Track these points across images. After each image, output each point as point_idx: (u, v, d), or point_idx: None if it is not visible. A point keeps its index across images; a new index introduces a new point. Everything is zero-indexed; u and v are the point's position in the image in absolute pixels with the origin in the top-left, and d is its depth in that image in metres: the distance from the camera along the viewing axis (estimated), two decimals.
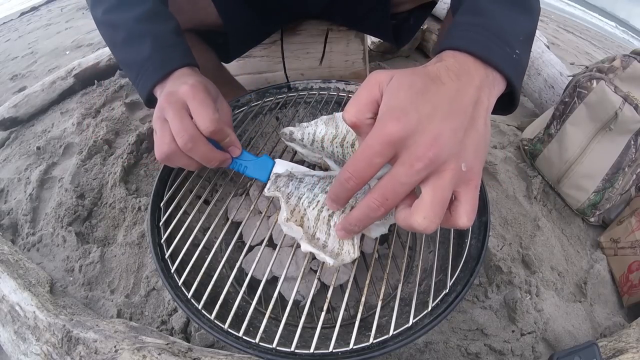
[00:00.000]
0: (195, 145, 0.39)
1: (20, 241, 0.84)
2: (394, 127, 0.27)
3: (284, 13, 0.79)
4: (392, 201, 0.28)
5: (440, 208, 0.28)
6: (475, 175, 0.29)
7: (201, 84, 0.42)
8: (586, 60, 1.64)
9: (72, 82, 1.22)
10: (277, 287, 0.42)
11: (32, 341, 0.57)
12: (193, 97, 0.40)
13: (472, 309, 0.68)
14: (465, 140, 0.28)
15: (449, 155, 0.27)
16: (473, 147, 0.29)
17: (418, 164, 0.27)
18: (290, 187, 0.43)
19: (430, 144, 0.27)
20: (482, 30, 0.33)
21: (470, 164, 0.28)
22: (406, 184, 0.28)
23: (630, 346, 0.54)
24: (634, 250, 0.71)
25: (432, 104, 0.28)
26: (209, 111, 0.40)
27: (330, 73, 0.91)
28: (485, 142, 0.30)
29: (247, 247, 0.46)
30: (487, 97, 0.31)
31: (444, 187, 0.28)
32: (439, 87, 0.29)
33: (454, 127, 0.28)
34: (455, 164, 0.28)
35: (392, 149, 0.28)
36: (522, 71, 0.35)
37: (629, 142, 0.73)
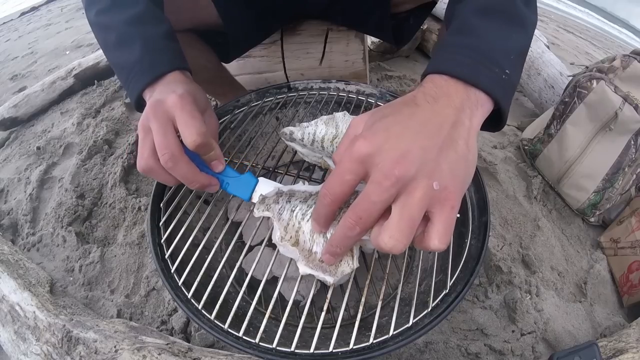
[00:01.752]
0: (176, 164, 0.38)
1: (20, 241, 0.84)
2: (361, 145, 0.28)
3: (284, 13, 0.79)
4: (365, 220, 0.28)
5: (408, 227, 0.27)
6: (451, 195, 0.28)
7: (190, 95, 0.41)
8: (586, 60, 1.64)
9: (72, 82, 1.22)
10: (277, 287, 0.42)
11: (32, 341, 0.57)
12: (181, 109, 0.39)
13: (472, 309, 0.68)
14: (440, 159, 0.28)
15: (418, 173, 0.27)
16: (449, 166, 0.28)
17: (386, 182, 0.27)
18: (281, 202, 0.42)
19: (397, 161, 0.27)
20: (469, 52, 0.32)
21: (444, 183, 0.27)
22: (377, 202, 0.27)
23: (630, 346, 0.54)
24: (634, 250, 0.71)
25: (403, 124, 0.29)
26: (196, 123, 0.38)
27: (330, 73, 0.91)
28: (466, 163, 0.29)
29: (247, 247, 0.46)
30: (469, 119, 0.30)
31: (412, 206, 0.27)
32: (412, 109, 0.30)
33: (425, 146, 0.28)
34: (425, 182, 0.27)
35: (361, 166, 0.28)
36: (512, 90, 0.35)
37: (629, 142, 0.73)
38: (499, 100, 0.32)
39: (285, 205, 0.41)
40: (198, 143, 0.38)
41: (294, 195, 0.43)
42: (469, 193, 0.54)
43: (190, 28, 0.68)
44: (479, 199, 0.52)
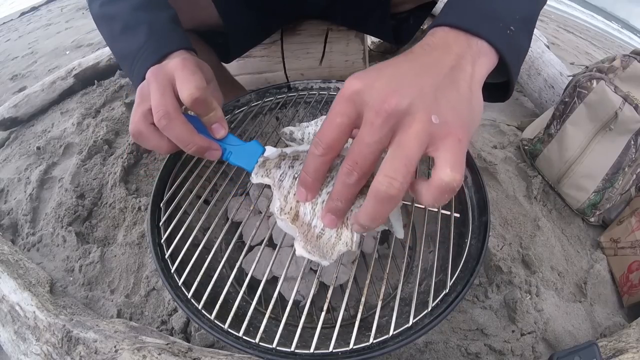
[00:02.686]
0: (170, 122, 0.35)
1: (20, 241, 0.84)
2: (351, 83, 0.27)
3: (284, 13, 0.79)
4: (362, 165, 0.26)
5: (403, 166, 0.24)
6: (456, 130, 0.25)
7: (194, 60, 0.40)
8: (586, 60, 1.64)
9: (72, 82, 1.22)
10: (277, 287, 0.42)
11: (32, 341, 0.57)
12: (182, 68, 0.37)
13: (472, 309, 0.68)
14: (438, 95, 0.26)
15: (413, 107, 0.25)
16: (450, 104, 0.26)
17: (377, 120, 0.25)
18: (283, 167, 0.38)
19: (388, 95, 0.25)
20: (472, 8, 0.32)
21: (445, 117, 0.25)
22: (370, 143, 0.25)
23: (630, 346, 0.54)
24: (634, 250, 0.71)
25: (397, 66, 0.28)
26: (196, 79, 0.36)
27: (330, 73, 0.91)
28: (469, 105, 0.27)
29: (247, 247, 0.46)
30: (471, 65, 0.29)
31: (407, 143, 0.25)
32: (408, 56, 0.29)
33: (421, 83, 0.26)
34: (421, 115, 0.25)
35: (352, 105, 0.26)
36: (518, 49, 0.33)
37: (629, 142, 0.73)
38: (503, 53, 0.30)
39: (287, 171, 0.38)
40: (195, 97, 0.35)
41: (298, 159, 0.39)
42: (469, 193, 0.54)
43: (190, 28, 0.68)
44: (479, 199, 0.52)
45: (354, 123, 0.27)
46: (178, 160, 0.58)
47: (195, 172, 0.55)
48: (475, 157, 0.88)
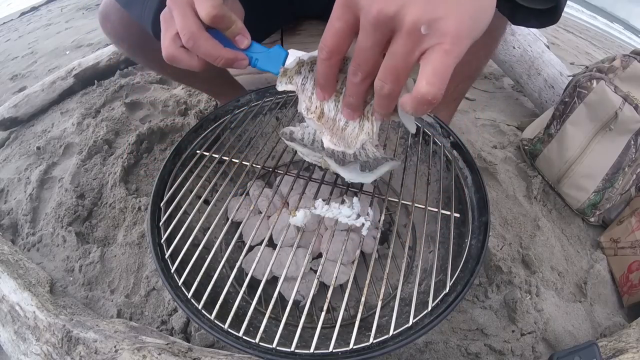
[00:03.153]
0: (197, 42, 0.37)
1: (20, 241, 0.84)
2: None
3: (284, 13, 0.79)
4: (364, 66, 0.28)
5: (390, 73, 0.26)
6: (445, 39, 0.24)
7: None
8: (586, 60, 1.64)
9: (72, 82, 1.22)
10: (277, 287, 0.42)
11: (32, 341, 0.57)
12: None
13: (472, 309, 0.68)
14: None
15: (400, 13, 0.24)
16: (447, 4, 0.24)
17: (369, 26, 0.25)
18: (303, 72, 0.41)
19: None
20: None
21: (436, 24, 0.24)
22: (367, 48, 0.26)
23: (630, 346, 0.54)
24: (634, 250, 0.71)
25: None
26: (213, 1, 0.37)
27: None
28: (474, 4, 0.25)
29: (247, 247, 0.46)
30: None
31: (395, 53, 0.25)
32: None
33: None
34: (410, 26, 0.24)
35: (349, 10, 0.26)
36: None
37: (629, 142, 0.73)
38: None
39: (307, 75, 0.41)
40: (213, 14, 0.37)
41: (316, 63, 0.41)
42: (469, 193, 0.54)
43: None
44: (479, 199, 0.52)
45: (352, 26, 0.27)
46: (178, 160, 0.58)
47: (195, 172, 0.55)
48: (475, 157, 0.88)
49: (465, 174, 0.56)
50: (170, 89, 1.19)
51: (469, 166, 0.56)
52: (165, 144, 0.98)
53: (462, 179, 0.55)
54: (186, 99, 1.10)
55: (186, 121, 1.02)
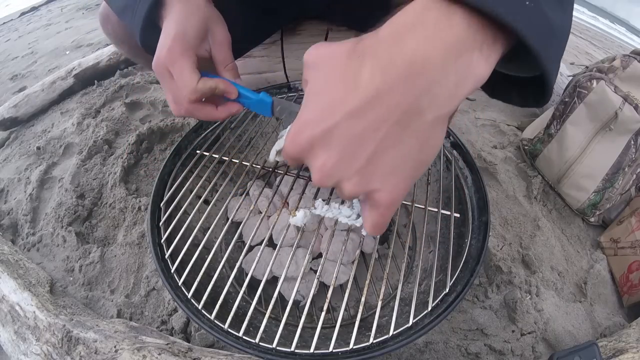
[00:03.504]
0: (191, 112, 0.42)
1: (20, 241, 0.84)
2: (290, 147, 0.25)
3: (284, 13, 0.79)
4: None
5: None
6: (383, 201, 0.24)
7: (179, 38, 0.41)
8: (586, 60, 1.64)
9: (72, 82, 1.22)
10: (277, 287, 0.42)
11: (32, 341, 0.57)
12: (172, 64, 0.41)
13: (472, 309, 0.68)
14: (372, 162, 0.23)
15: (341, 179, 0.24)
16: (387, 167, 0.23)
17: (315, 181, 0.25)
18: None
19: (318, 170, 0.24)
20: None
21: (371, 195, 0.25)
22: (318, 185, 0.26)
23: (630, 346, 0.54)
24: (634, 250, 0.71)
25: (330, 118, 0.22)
26: (185, 81, 0.41)
27: None
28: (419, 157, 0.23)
29: (247, 247, 0.46)
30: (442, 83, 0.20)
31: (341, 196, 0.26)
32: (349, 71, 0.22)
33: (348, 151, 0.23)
34: (350, 184, 0.24)
35: (298, 157, 0.26)
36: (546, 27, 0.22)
37: (629, 142, 0.73)
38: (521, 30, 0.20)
39: None
40: (194, 98, 0.41)
41: None
42: (469, 193, 0.54)
43: None
44: (479, 199, 0.52)
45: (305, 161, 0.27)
46: (178, 160, 0.58)
47: (195, 172, 0.55)
48: (475, 157, 0.88)
49: (465, 174, 0.56)
50: None
51: (469, 166, 0.56)
52: (165, 144, 0.98)
53: (462, 179, 0.55)
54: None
55: (186, 121, 1.02)
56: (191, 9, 0.44)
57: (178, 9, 0.43)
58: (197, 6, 0.44)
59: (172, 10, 0.43)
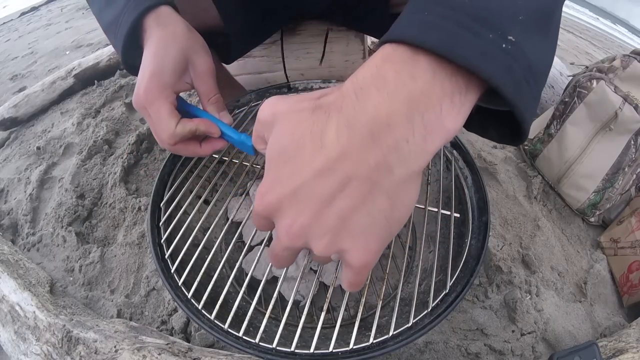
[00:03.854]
0: (177, 150, 0.42)
1: (20, 241, 0.84)
2: (258, 206, 0.25)
3: (284, 13, 0.79)
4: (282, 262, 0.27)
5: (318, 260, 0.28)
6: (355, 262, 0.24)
7: (156, 76, 0.39)
8: (586, 60, 1.64)
9: (72, 82, 1.22)
10: (277, 287, 0.42)
11: (32, 341, 0.57)
12: (149, 106, 0.40)
13: (472, 309, 0.68)
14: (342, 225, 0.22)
15: (310, 239, 0.23)
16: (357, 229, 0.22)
17: (282, 242, 0.25)
18: None
19: (286, 231, 0.23)
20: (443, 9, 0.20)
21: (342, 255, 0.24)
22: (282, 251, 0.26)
23: (630, 346, 0.54)
24: (634, 250, 0.71)
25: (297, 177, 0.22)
26: (163, 126, 0.40)
27: (330, 73, 0.91)
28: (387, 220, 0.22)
29: (247, 247, 0.46)
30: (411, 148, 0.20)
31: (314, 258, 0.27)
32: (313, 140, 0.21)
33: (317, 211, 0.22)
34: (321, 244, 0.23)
35: (265, 221, 0.26)
36: (525, 69, 0.20)
37: (629, 142, 0.73)
38: (493, 79, 0.19)
39: None
40: (172, 144, 0.41)
41: None
42: (469, 193, 0.54)
43: None
44: (479, 199, 0.52)
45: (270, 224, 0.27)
46: (178, 160, 0.58)
47: (195, 172, 0.55)
48: (475, 157, 0.88)
49: (465, 174, 0.56)
50: None
51: (469, 166, 0.56)
52: None
53: (462, 179, 0.55)
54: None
55: None
56: (169, 37, 0.41)
57: (156, 37, 0.41)
58: (174, 34, 0.41)
59: (151, 36, 0.41)
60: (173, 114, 0.40)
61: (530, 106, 0.21)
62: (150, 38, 0.41)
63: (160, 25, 0.41)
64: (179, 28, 0.42)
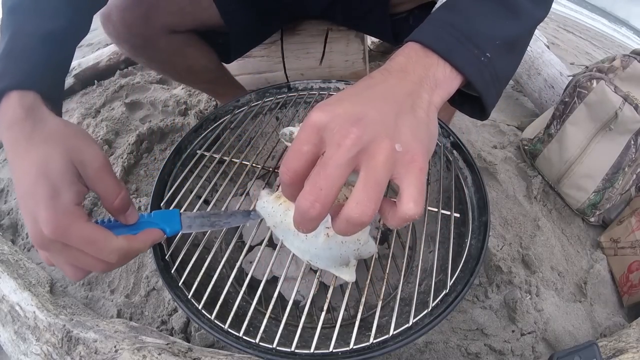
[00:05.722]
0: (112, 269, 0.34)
1: (20, 241, 0.84)
2: (317, 114, 0.27)
3: (284, 13, 0.79)
4: (327, 192, 0.25)
5: (374, 192, 0.25)
6: (418, 157, 0.26)
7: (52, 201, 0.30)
8: (586, 60, 1.64)
9: (72, 82, 1.22)
10: (277, 287, 0.42)
11: (32, 341, 0.57)
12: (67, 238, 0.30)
13: (472, 309, 0.68)
14: (399, 122, 0.27)
15: (378, 135, 0.26)
16: (410, 130, 0.27)
17: (346, 141, 0.25)
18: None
19: (354, 122, 0.26)
20: (449, 28, 0.32)
21: (407, 146, 0.26)
22: (340, 165, 0.25)
23: (630, 346, 0.54)
24: (634, 250, 0.71)
25: (357, 94, 0.29)
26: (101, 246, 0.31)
27: (330, 73, 0.91)
28: (428, 130, 0.29)
29: (247, 247, 0.46)
30: (429, 91, 0.30)
31: (377, 169, 0.25)
32: (367, 82, 0.30)
33: (382, 109, 0.27)
34: (387, 143, 0.25)
35: (317, 134, 0.26)
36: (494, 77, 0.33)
37: (629, 142, 0.73)
38: (472, 79, 0.31)
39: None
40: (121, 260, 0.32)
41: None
42: (469, 193, 0.54)
43: (191, 29, 0.68)
44: (479, 199, 0.52)
45: (319, 151, 0.27)
46: (178, 160, 0.58)
47: (195, 172, 0.55)
48: (475, 157, 0.88)
49: (465, 174, 0.56)
50: (170, 89, 1.18)
51: (469, 166, 0.56)
52: (165, 144, 0.98)
53: (462, 179, 0.55)
54: (186, 99, 1.10)
55: (186, 121, 1.02)
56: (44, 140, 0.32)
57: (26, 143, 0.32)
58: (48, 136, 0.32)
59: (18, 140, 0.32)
60: (101, 228, 0.32)
61: (492, 97, 0.34)
62: (16, 144, 0.32)
63: (28, 118, 0.32)
64: (51, 124, 0.33)
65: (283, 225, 0.40)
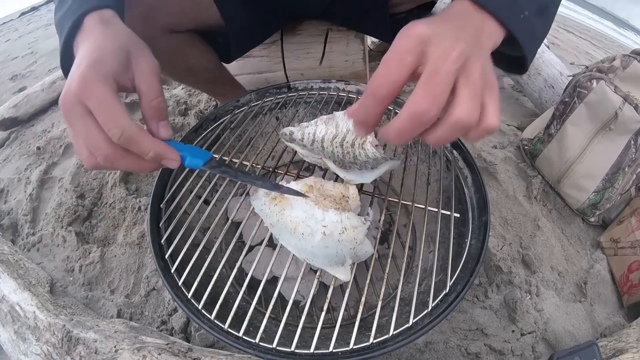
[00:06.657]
0: (110, 161, 0.34)
1: (20, 241, 0.84)
2: (421, 27, 0.29)
3: (284, 13, 0.79)
4: (440, 97, 0.28)
5: (477, 102, 0.29)
6: (494, 82, 0.30)
7: (92, 64, 0.33)
8: (586, 60, 1.64)
9: None
10: (277, 287, 0.42)
11: (32, 341, 0.57)
12: (87, 96, 0.32)
13: (472, 309, 0.68)
14: (480, 52, 0.30)
15: (472, 54, 0.29)
16: (487, 60, 0.31)
17: (453, 54, 0.28)
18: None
19: (455, 40, 0.28)
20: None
21: (488, 69, 0.30)
22: (449, 73, 0.27)
23: (630, 346, 0.54)
24: (634, 250, 0.71)
25: (442, 22, 0.31)
26: (109, 113, 0.33)
27: (330, 73, 0.91)
28: (491, 65, 0.32)
29: (247, 247, 0.46)
30: (484, 39, 0.32)
31: (476, 83, 0.28)
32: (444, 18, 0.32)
33: (467, 39, 0.30)
34: (480, 64, 0.29)
35: (420, 45, 0.28)
36: (531, 31, 0.36)
37: (629, 142, 0.73)
38: (514, 32, 0.33)
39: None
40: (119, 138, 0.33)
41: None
42: (469, 193, 0.54)
43: (192, 28, 0.68)
44: (479, 199, 0.52)
45: (420, 64, 0.29)
46: None
47: (195, 172, 0.55)
48: (475, 157, 0.88)
49: (465, 174, 0.56)
50: (170, 89, 1.19)
51: (469, 166, 0.56)
52: None
53: (462, 179, 0.55)
54: (186, 99, 1.10)
55: (186, 121, 1.02)
56: (111, 33, 0.37)
57: (96, 32, 0.37)
58: (116, 32, 0.38)
59: (90, 34, 0.37)
60: (120, 103, 0.33)
61: (532, 51, 0.37)
62: (88, 38, 0.37)
63: (102, 24, 0.37)
64: (121, 28, 0.39)
65: (279, 225, 0.41)
